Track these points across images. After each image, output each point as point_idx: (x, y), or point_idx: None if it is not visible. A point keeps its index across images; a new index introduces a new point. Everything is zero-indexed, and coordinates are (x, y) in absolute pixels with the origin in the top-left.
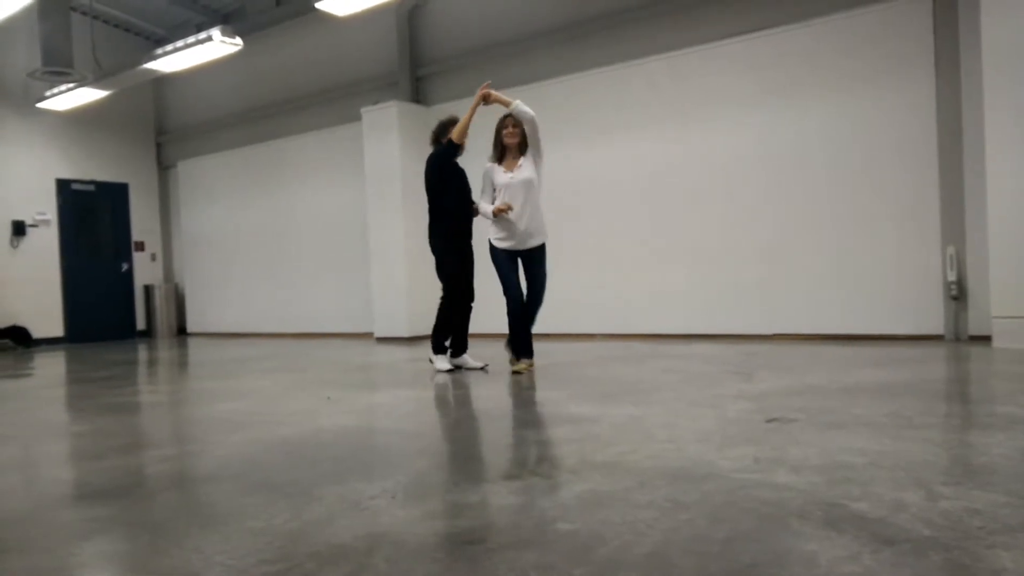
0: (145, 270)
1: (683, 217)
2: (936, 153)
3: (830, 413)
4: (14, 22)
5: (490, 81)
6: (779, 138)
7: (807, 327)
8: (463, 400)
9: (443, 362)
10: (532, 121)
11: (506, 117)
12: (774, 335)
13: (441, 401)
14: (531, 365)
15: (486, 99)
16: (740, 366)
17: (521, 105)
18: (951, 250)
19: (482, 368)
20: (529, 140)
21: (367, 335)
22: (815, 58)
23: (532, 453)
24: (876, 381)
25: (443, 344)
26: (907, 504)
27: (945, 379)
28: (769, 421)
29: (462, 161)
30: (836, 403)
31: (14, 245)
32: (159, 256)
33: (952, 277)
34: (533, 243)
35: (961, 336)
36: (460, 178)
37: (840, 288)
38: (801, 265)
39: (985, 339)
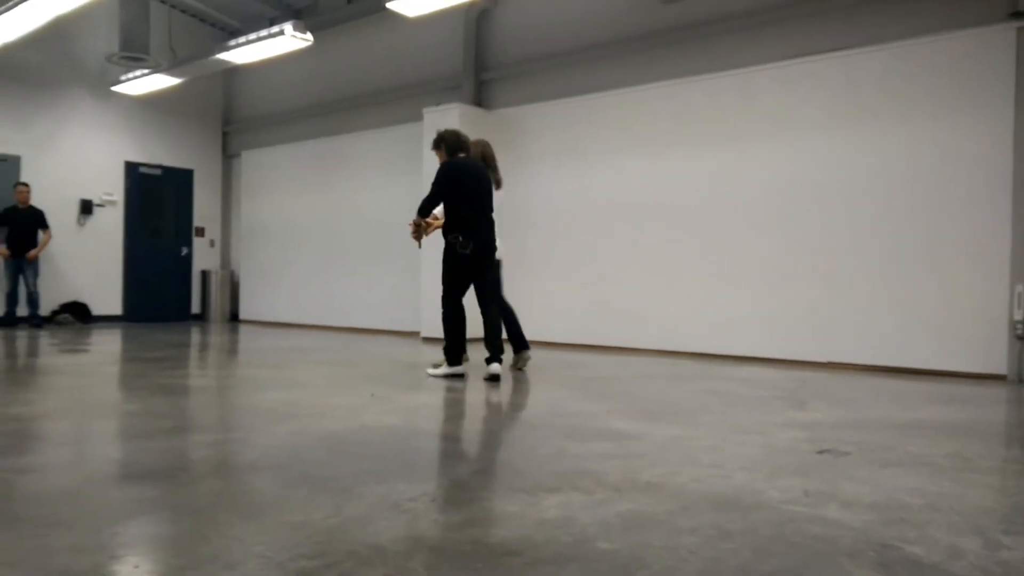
0: (203, 255)
1: (740, 236)
2: (1011, 187)
3: (885, 449)
4: (95, 7)
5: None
6: (844, 163)
7: (862, 357)
8: (504, 407)
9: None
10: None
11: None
12: (827, 363)
13: (483, 407)
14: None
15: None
16: (791, 393)
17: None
18: (1020, 288)
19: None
20: None
21: (414, 334)
22: (886, 83)
23: (573, 466)
24: (934, 419)
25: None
26: (964, 551)
27: (1007, 422)
28: (820, 452)
29: None
30: (891, 439)
31: (81, 223)
32: (218, 242)
33: (1019, 316)
34: None
35: None
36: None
37: (899, 319)
38: (860, 293)
39: None
